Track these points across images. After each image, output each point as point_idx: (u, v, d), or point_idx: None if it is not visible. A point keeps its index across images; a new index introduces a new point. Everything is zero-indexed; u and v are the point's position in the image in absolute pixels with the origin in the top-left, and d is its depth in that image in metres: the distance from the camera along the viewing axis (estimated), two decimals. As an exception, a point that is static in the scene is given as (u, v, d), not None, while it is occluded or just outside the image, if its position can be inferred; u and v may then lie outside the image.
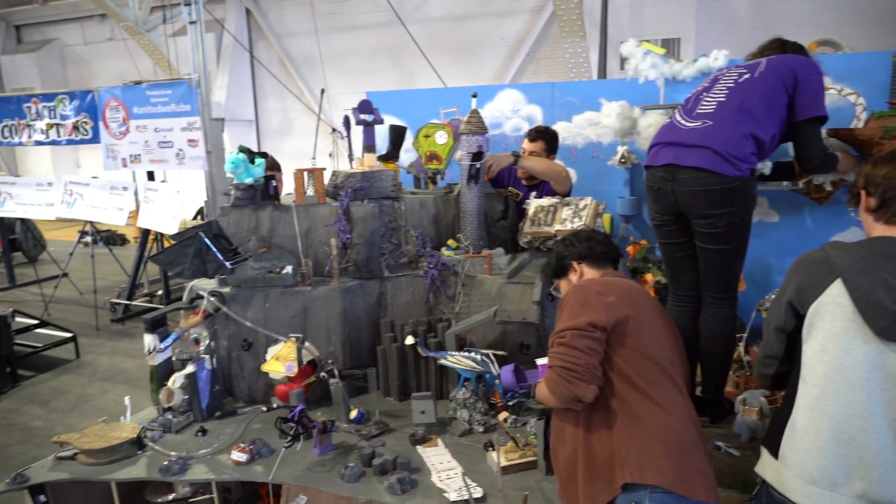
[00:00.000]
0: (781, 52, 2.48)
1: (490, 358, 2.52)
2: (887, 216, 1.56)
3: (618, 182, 3.63)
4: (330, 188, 3.03)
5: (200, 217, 10.61)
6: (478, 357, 2.52)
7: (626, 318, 1.74)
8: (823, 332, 1.50)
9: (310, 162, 3.29)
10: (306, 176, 2.98)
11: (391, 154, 3.36)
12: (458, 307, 2.84)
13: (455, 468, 2.19)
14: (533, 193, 3.28)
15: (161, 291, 7.22)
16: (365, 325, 2.89)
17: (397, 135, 3.39)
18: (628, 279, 2.10)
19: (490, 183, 3.36)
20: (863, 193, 1.63)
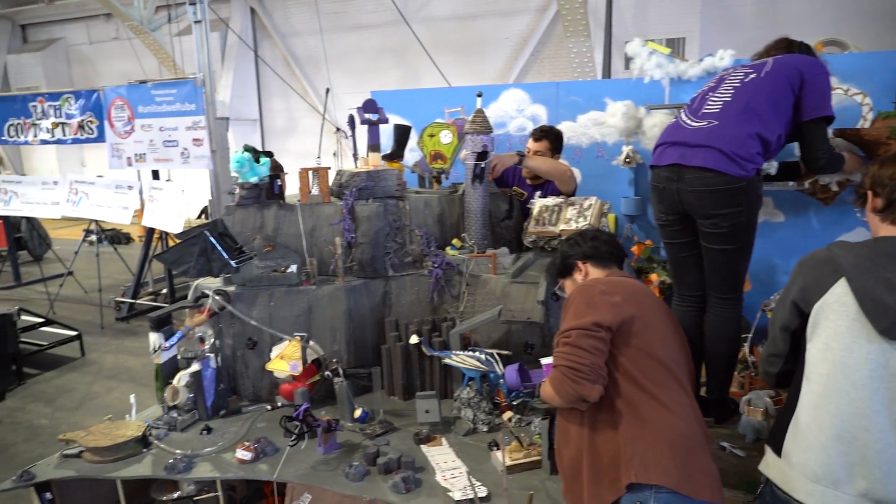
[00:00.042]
0: (788, 52, 2.47)
1: (494, 357, 2.52)
2: (894, 216, 1.56)
3: (622, 182, 3.63)
4: (335, 187, 3.04)
5: (205, 216, 10.63)
6: (482, 356, 2.51)
7: (632, 318, 1.74)
8: (827, 331, 1.50)
9: (314, 161, 3.28)
10: (311, 175, 2.99)
11: (396, 153, 3.37)
12: (463, 306, 2.85)
13: (459, 467, 2.20)
14: (537, 193, 3.28)
15: (165, 290, 7.24)
16: (369, 325, 2.89)
17: (402, 134, 3.40)
18: (633, 279, 2.09)
19: (495, 182, 3.36)
20: (869, 194, 1.63)
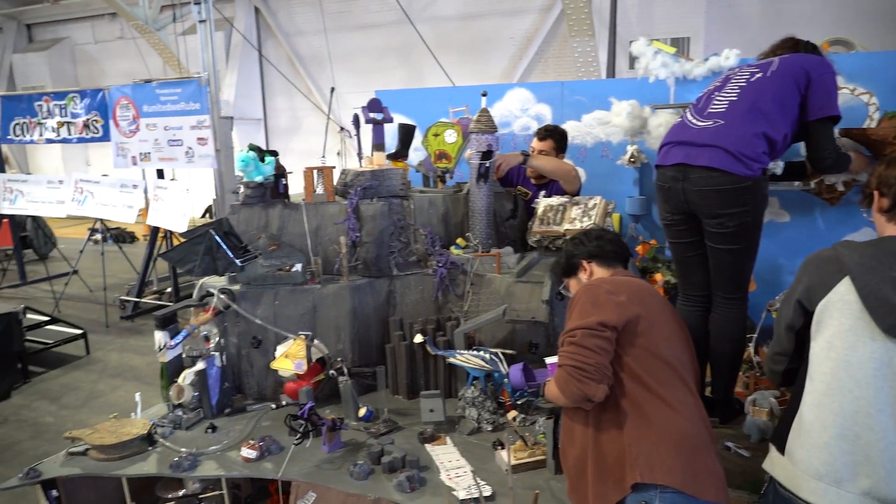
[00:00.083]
0: (794, 52, 2.46)
1: (499, 357, 2.52)
2: (900, 216, 1.56)
3: (627, 181, 3.62)
4: (339, 186, 3.04)
5: (209, 215, 10.66)
6: (487, 356, 2.51)
7: (637, 318, 1.74)
8: (831, 330, 1.50)
9: (319, 160, 3.30)
10: (316, 174, 2.99)
11: (400, 153, 3.37)
12: (467, 306, 2.85)
13: (464, 466, 2.20)
14: (542, 192, 3.28)
15: (170, 289, 7.27)
16: (374, 324, 2.89)
17: (406, 133, 3.40)
18: (638, 278, 2.09)
19: (499, 182, 3.36)
20: (875, 194, 1.63)
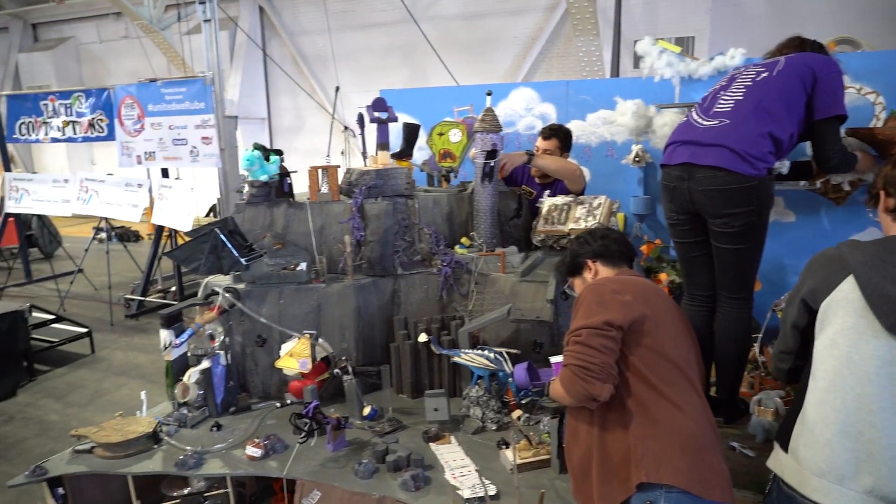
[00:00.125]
0: (800, 51, 2.45)
1: (503, 356, 2.52)
2: (906, 216, 1.55)
3: (632, 181, 3.62)
4: (344, 186, 3.04)
5: (213, 214, 10.69)
6: (491, 355, 2.52)
7: (643, 317, 1.73)
8: (834, 327, 1.50)
9: (323, 159, 3.31)
10: (320, 173, 2.99)
11: (405, 152, 3.37)
12: (472, 305, 2.85)
13: (468, 465, 2.20)
14: (546, 192, 3.28)
15: (174, 288, 7.28)
16: (378, 323, 2.90)
17: (411, 133, 3.40)
18: (643, 278, 2.09)
19: (504, 181, 3.36)
20: (882, 194, 1.62)
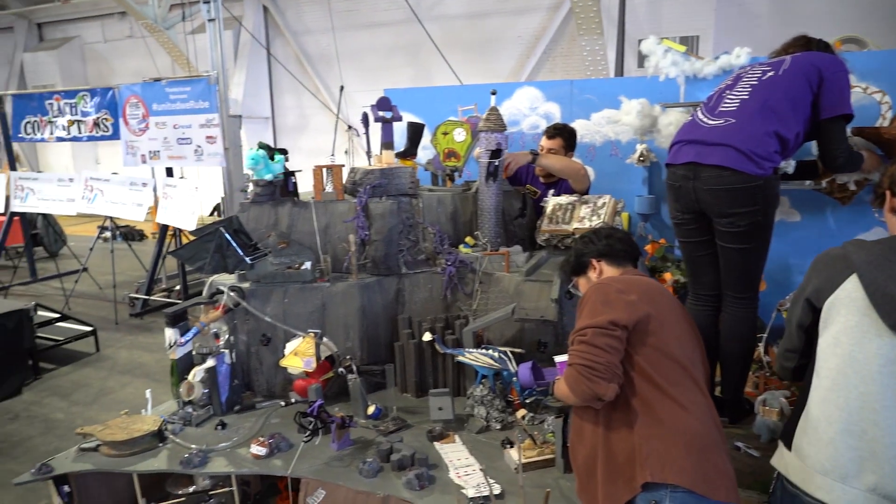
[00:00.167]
0: (806, 50, 2.44)
1: (507, 355, 2.52)
2: (912, 216, 1.55)
3: (636, 180, 3.61)
4: (348, 185, 3.05)
5: (217, 213, 10.71)
6: (495, 354, 2.51)
7: (648, 317, 1.73)
8: (837, 326, 1.50)
9: (328, 159, 3.32)
10: (325, 172, 3.00)
11: (409, 151, 3.37)
12: (476, 304, 2.85)
13: (473, 465, 2.20)
14: (551, 191, 3.28)
15: (179, 287, 7.30)
16: (383, 322, 2.90)
17: (415, 132, 3.40)
18: (649, 277, 2.09)
19: (508, 181, 3.36)
20: (888, 193, 1.62)
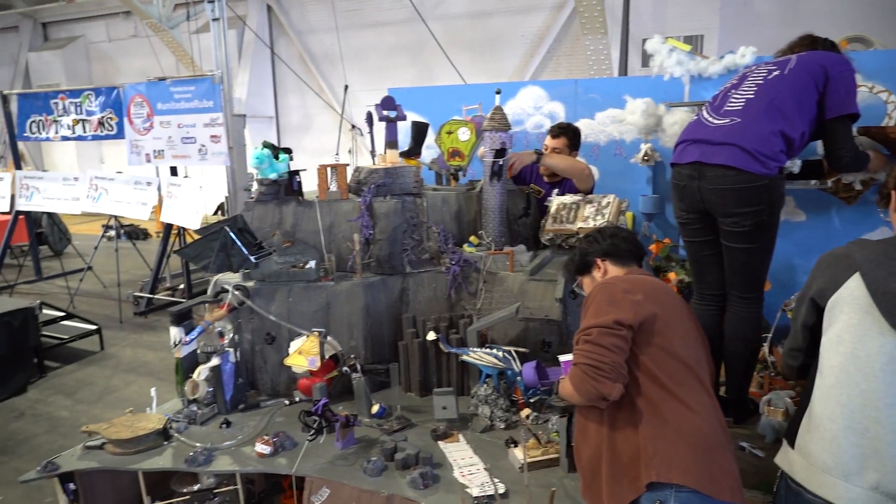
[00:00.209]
0: (812, 49, 2.44)
1: (512, 355, 2.52)
2: (918, 216, 1.54)
3: (640, 180, 3.61)
4: (353, 184, 3.05)
5: (221, 212, 10.73)
6: (499, 354, 2.52)
7: (654, 317, 1.73)
8: (840, 324, 1.50)
9: (332, 158, 3.33)
10: (329, 172, 3.00)
11: (413, 150, 3.38)
12: (480, 304, 2.85)
13: (477, 464, 2.20)
14: (555, 191, 3.27)
15: (183, 285, 7.32)
16: (387, 321, 2.90)
17: (419, 131, 3.41)
18: (653, 277, 2.08)
19: (512, 180, 3.35)
20: (893, 193, 1.62)
